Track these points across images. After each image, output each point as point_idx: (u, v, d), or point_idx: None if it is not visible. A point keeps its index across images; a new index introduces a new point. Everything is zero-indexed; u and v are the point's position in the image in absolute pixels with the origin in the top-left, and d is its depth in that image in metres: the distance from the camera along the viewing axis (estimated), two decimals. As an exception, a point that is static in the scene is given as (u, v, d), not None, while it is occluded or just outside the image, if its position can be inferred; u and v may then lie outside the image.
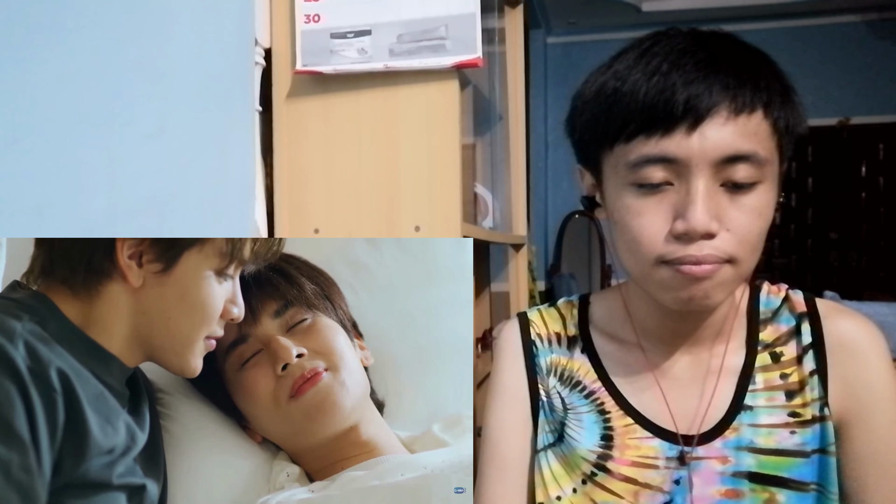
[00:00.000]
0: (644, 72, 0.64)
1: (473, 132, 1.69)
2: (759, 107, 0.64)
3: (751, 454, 0.71)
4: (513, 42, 1.86)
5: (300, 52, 1.13)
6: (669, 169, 0.64)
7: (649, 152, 0.64)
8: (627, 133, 0.65)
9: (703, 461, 0.71)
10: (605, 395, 0.77)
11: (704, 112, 0.62)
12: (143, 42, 1.12)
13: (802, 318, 0.75)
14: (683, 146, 0.63)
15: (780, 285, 0.80)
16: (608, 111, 0.67)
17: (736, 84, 0.63)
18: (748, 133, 0.63)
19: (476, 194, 1.58)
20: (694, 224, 0.62)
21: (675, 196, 0.65)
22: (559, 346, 0.81)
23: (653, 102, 0.63)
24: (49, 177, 1.11)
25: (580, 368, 0.79)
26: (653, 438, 0.74)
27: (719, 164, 0.63)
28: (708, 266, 0.64)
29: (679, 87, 0.62)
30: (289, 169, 1.18)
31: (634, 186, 0.66)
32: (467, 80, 1.20)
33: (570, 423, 0.77)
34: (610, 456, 0.74)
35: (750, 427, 0.72)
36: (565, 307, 0.85)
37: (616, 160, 0.68)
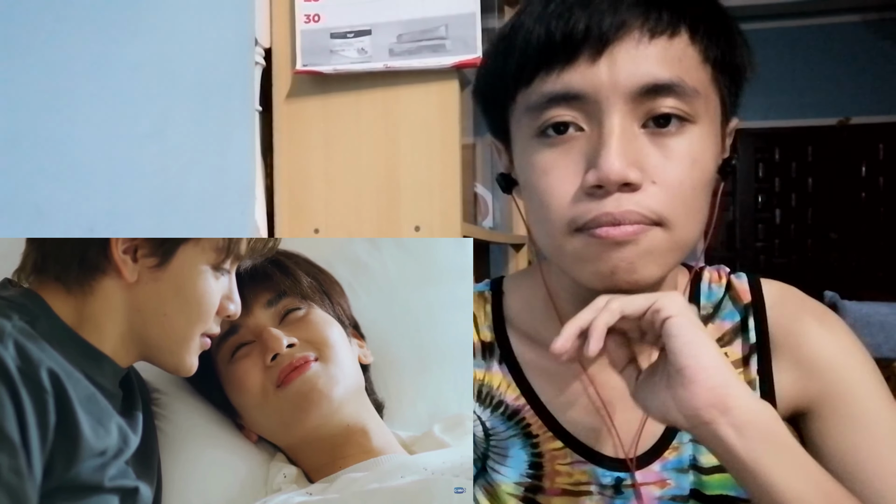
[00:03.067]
0: (542, 3, 0.54)
1: (473, 132, 1.68)
2: (683, 28, 0.53)
3: (693, 473, 0.62)
4: (513, 42, 1.86)
5: (300, 52, 1.13)
6: (577, 108, 0.53)
7: (550, 89, 0.53)
8: (527, 73, 0.54)
9: (642, 487, 0.62)
10: (530, 415, 0.65)
11: (610, 32, 0.51)
12: (143, 42, 1.12)
13: (747, 310, 0.65)
14: (589, 77, 0.52)
15: (720, 269, 0.69)
16: (504, 53, 0.56)
17: (649, 0, 0.52)
18: (669, 58, 0.52)
19: (476, 194, 1.58)
20: (606, 170, 0.51)
21: (586, 144, 0.53)
22: (473, 357, 0.69)
23: (549, 29, 0.52)
24: (49, 177, 1.12)
25: (500, 384, 0.67)
26: (585, 463, 0.63)
27: (636, 96, 0.52)
28: (629, 227, 0.52)
29: (578, 6, 0.52)
30: (289, 169, 1.18)
31: (539, 138, 0.55)
32: (467, 80, 1.20)
33: (492, 454, 0.66)
34: (539, 487, 0.64)
35: (691, 443, 0.63)
36: (476, 303, 0.71)
37: (519, 112, 0.57)
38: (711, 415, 0.49)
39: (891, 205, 4.25)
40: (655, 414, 0.53)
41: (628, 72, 0.51)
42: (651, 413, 0.54)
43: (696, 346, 0.50)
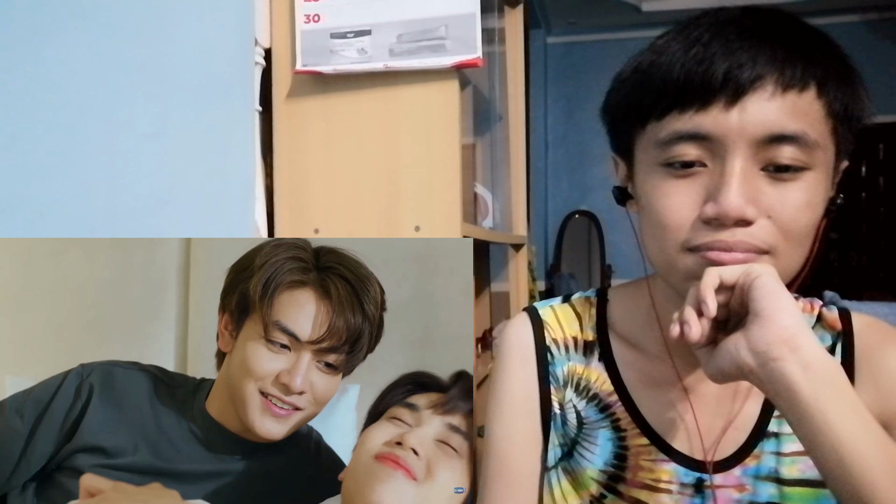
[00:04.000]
0: (683, 43, 0.58)
1: (473, 132, 1.69)
2: (812, 83, 0.56)
3: (773, 484, 0.65)
4: (513, 42, 1.87)
5: (300, 52, 1.13)
6: (703, 147, 0.58)
7: (681, 128, 0.57)
8: (661, 108, 0.59)
9: (720, 490, 0.65)
10: (620, 410, 0.70)
11: (747, 84, 0.55)
12: (143, 42, 1.12)
13: (838, 337, 0.69)
14: (720, 122, 0.56)
15: (812, 301, 0.73)
16: (642, 86, 0.61)
17: (785, 56, 0.56)
18: (797, 112, 0.56)
19: (476, 194, 1.58)
20: (726, 207, 0.55)
21: (708, 178, 0.58)
22: (576, 352, 0.73)
23: (689, 73, 0.56)
24: (49, 177, 1.12)
25: (597, 379, 0.72)
26: (669, 462, 0.67)
27: (760, 143, 0.56)
28: (740, 255, 0.57)
29: (719, 56, 0.55)
30: (289, 169, 1.18)
31: (664, 167, 0.60)
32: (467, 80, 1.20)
33: (582, 441, 0.70)
34: (622, 478, 0.68)
35: (772, 455, 0.66)
36: (581, 305, 0.76)
37: (647, 141, 0.61)
38: (781, 351, 0.52)
39: (891, 205, 4.25)
40: (724, 363, 0.56)
41: (757, 121, 0.55)
42: (719, 365, 0.56)
43: (776, 293, 0.54)
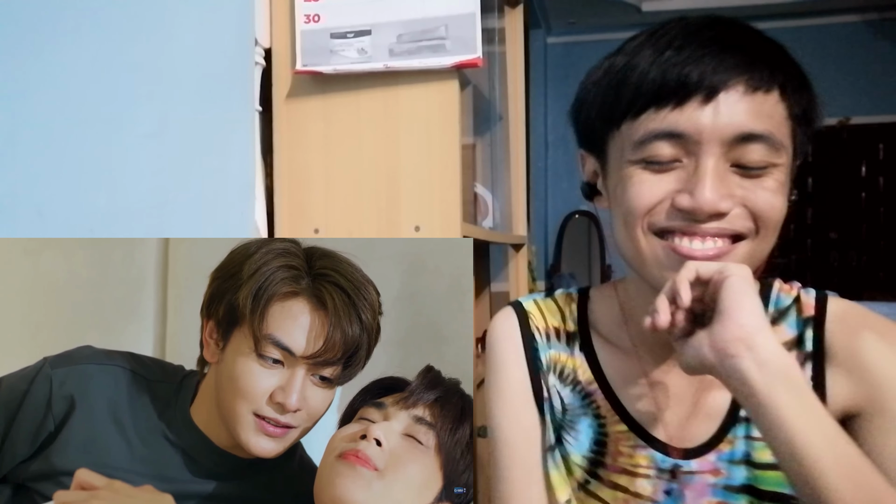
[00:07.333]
0: (655, 47, 0.62)
1: (473, 132, 1.69)
2: (776, 87, 0.61)
3: (746, 468, 0.68)
4: (513, 42, 1.87)
5: (300, 52, 1.13)
6: (678, 146, 0.61)
7: (657, 127, 0.61)
8: (637, 108, 0.62)
9: (696, 475, 0.68)
10: (600, 398, 0.73)
11: (720, 84, 0.59)
12: (143, 42, 1.12)
13: (807, 324, 0.70)
14: (695, 119, 0.59)
15: (792, 283, 0.75)
16: (617, 87, 0.64)
17: (751, 61, 0.60)
18: (764, 113, 0.60)
19: (476, 194, 1.58)
20: (701, 202, 0.59)
21: (682, 172, 0.61)
22: (558, 341, 0.77)
23: (665, 73, 0.60)
24: (49, 177, 1.12)
25: (578, 367, 0.75)
26: (646, 448, 0.70)
27: (731, 142, 0.60)
28: (711, 250, 0.61)
29: (692, 60, 0.60)
30: (289, 169, 1.18)
31: (640, 164, 0.63)
32: (467, 80, 1.20)
33: (565, 426, 0.74)
34: (602, 463, 0.71)
35: (745, 440, 0.68)
36: (564, 300, 0.80)
37: (622, 140, 0.64)
38: (738, 348, 0.55)
39: (891, 205, 4.24)
40: (690, 358, 0.59)
41: (729, 120, 0.59)
42: (687, 360, 0.59)
43: (742, 294, 0.57)
